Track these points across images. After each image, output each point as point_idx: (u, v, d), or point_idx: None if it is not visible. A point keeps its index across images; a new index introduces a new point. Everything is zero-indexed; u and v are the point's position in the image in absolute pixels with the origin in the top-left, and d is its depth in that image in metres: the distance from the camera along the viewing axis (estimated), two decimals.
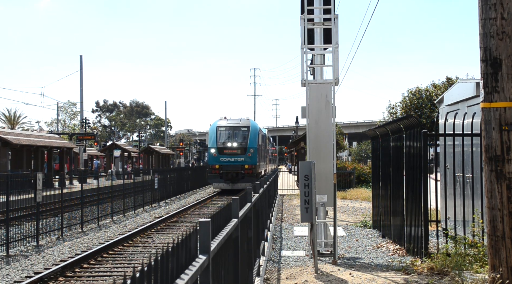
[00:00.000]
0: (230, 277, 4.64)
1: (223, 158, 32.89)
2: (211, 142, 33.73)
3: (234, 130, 33.79)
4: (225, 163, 32.85)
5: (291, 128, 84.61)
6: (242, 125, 34.16)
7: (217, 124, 34.23)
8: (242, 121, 34.82)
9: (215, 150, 33.17)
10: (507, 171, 7.08)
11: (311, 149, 11.23)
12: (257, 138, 33.97)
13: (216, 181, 33.25)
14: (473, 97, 11.06)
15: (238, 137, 33.56)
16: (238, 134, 33.68)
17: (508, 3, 7.09)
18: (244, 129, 33.84)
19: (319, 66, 12.07)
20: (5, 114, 75.79)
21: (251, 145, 33.32)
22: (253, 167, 32.97)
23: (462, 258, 8.96)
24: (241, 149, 33.19)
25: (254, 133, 33.88)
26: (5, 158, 33.62)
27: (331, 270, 9.68)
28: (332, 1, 11.42)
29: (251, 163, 32.95)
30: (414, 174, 10.39)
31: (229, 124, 34.17)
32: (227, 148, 33.20)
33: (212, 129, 34.39)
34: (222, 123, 34.32)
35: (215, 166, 32.99)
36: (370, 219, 16.20)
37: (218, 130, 33.78)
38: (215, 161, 33.02)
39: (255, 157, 33.30)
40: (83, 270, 11.53)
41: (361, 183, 32.42)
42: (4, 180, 14.25)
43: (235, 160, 32.89)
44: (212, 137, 33.90)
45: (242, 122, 34.58)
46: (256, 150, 33.58)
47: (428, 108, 41.26)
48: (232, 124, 34.20)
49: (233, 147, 33.24)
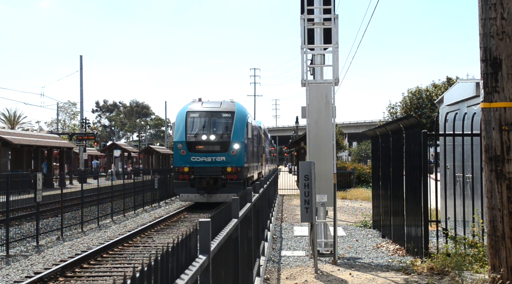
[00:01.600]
0: (230, 277, 4.64)
1: (195, 157, 23.08)
2: (178, 134, 23.62)
3: (212, 118, 23.73)
4: (198, 164, 23.01)
5: (291, 128, 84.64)
6: (223, 110, 24.04)
7: (188, 109, 24.08)
8: (225, 104, 24.45)
9: (183, 145, 23.20)
10: (507, 171, 7.08)
11: (311, 149, 11.23)
12: (245, 129, 23.92)
13: (185, 190, 23.12)
14: (473, 97, 11.06)
15: (217, 127, 23.72)
16: (217, 123, 23.82)
17: (508, 3, 7.09)
18: (226, 115, 23.85)
19: (319, 66, 12.08)
20: (5, 114, 75.86)
21: (236, 137, 23.32)
22: (239, 170, 23.03)
23: (462, 258, 8.96)
24: (222, 144, 23.25)
25: (241, 121, 23.81)
26: (5, 158, 33.64)
27: (331, 270, 9.68)
28: (332, 1, 11.42)
29: (236, 164, 23.07)
30: (414, 174, 10.39)
31: (205, 108, 24.02)
32: (201, 142, 23.23)
33: (180, 116, 24.09)
34: (194, 108, 24.18)
35: (183, 168, 23.03)
36: (370, 219, 16.20)
37: (189, 117, 23.74)
38: (184, 161, 23.13)
39: (241, 155, 23.33)
40: (83, 270, 11.53)
41: (361, 183, 32.43)
42: (4, 180, 14.26)
43: (212, 159, 23.04)
44: (179, 128, 23.71)
45: (224, 106, 24.28)
46: (244, 146, 23.64)
47: (428, 108, 41.28)
48: (209, 108, 24.05)
49: (209, 140, 23.24)
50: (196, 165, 23.11)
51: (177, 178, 23.41)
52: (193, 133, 23.56)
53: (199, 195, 23.05)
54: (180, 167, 23.28)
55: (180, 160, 23.37)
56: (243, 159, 23.47)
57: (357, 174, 32.61)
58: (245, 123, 24.18)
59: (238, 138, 23.45)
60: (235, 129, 23.57)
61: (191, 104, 24.59)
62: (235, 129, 23.57)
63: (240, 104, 25.02)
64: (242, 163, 23.35)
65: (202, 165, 23.08)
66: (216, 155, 23.22)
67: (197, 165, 23.11)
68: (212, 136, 23.46)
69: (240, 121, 23.90)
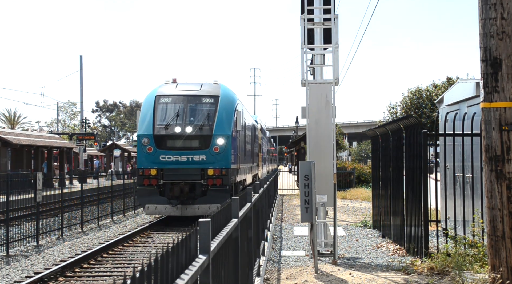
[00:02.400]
0: (230, 277, 4.64)
1: (165, 155, 17.67)
2: (143, 126, 18.11)
3: (190, 104, 18.37)
4: (169, 165, 17.61)
5: (291, 128, 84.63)
6: (204, 94, 18.51)
7: (157, 93, 18.60)
8: (206, 87, 18.84)
9: (149, 140, 17.75)
10: (507, 171, 7.08)
11: (311, 149, 11.22)
12: (233, 118, 18.46)
13: (152, 200, 17.59)
14: (473, 97, 11.06)
15: (196, 116, 18.29)
16: (196, 110, 18.45)
17: (508, 3, 7.09)
18: (208, 101, 18.36)
19: (319, 66, 12.07)
20: (5, 114, 75.89)
21: (220, 130, 17.86)
22: (224, 173, 17.62)
23: (462, 258, 8.96)
24: (202, 139, 17.78)
25: (227, 109, 18.39)
26: (5, 158, 33.64)
27: (331, 270, 9.68)
28: (332, 1, 11.42)
29: (220, 164, 17.67)
30: (414, 174, 10.39)
31: (181, 92, 18.62)
32: (173, 136, 17.81)
33: (147, 102, 18.66)
34: (166, 91, 18.69)
35: (150, 171, 17.57)
36: (370, 219, 16.21)
37: (159, 103, 18.34)
38: (150, 161, 17.69)
39: (227, 153, 17.85)
40: (83, 270, 11.53)
41: (361, 183, 32.43)
42: (4, 180, 14.26)
43: (189, 159, 17.62)
44: (145, 117, 18.27)
45: (206, 90, 18.71)
46: (232, 141, 18.25)
47: (428, 108, 41.29)
48: (185, 92, 18.60)
49: (185, 134, 17.76)
50: (166, 166, 17.53)
51: (141, 183, 17.60)
52: (163, 124, 17.87)
53: (171, 207, 17.40)
54: (145, 169, 17.60)
55: (145, 160, 17.73)
56: (230, 158, 17.82)
57: (357, 174, 32.61)
58: (233, 112, 18.53)
59: (223, 131, 17.77)
60: (220, 118, 17.90)
61: (162, 87, 18.84)
62: (220, 119, 17.89)
63: (226, 87, 19.25)
64: (228, 163, 17.71)
65: (174, 166, 17.55)
66: (193, 152, 17.63)
67: (168, 166, 17.54)
68: (188, 128, 17.74)
69: (226, 108, 18.27)
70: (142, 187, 17.72)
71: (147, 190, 17.63)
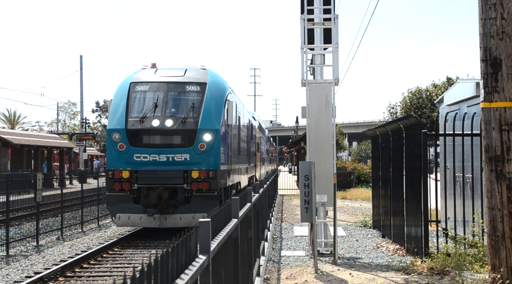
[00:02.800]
0: (230, 277, 4.64)
1: (140, 155, 14.79)
2: (114, 119, 15.24)
3: (171, 93, 15.51)
4: (145, 166, 14.77)
5: (291, 128, 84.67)
6: (189, 80, 15.69)
7: (133, 80, 15.76)
8: (191, 73, 16.01)
9: (121, 136, 14.93)
10: (507, 171, 7.08)
11: (311, 149, 11.23)
12: (223, 110, 15.57)
13: (124, 208, 14.81)
14: (473, 97, 11.06)
15: (178, 107, 15.46)
16: (178, 100, 15.60)
17: (508, 3, 7.10)
18: (193, 89, 15.55)
19: (319, 66, 12.08)
20: (5, 114, 75.91)
21: (208, 123, 15.01)
22: (212, 175, 14.80)
23: (462, 258, 8.96)
24: (185, 134, 14.94)
25: (216, 99, 15.55)
26: (5, 158, 33.66)
27: (331, 270, 9.68)
28: (332, 1, 11.42)
29: (207, 165, 14.83)
30: (414, 174, 10.39)
31: (160, 78, 15.79)
32: (150, 131, 14.95)
33: (121, 90, 15.72)
34: (143, 77, 15.87)
35: (122, 173, 14.78)
36: (370, 219, 16.21)
37: (134, 91, 15.51)
38: (122, 161, 14.86)
39: (216, 151, 15.02)
40: (83, 270, 11.54)
41: (361, 183, 32.44)
42: (4, 180, 14.27)
43: (169, 159, 14.78)
44: (117, 109, 15.38)
45: (191, 76, 15.89)
46: (222, 137, 15.37)
47: (428, 108, 41.32)
48: (166, 78, 15.79)
49: (164, 128, 14.93)
50: (142, 168, 14.61)
51: (111, 188, 14.70)
52: (138, 116, 14.92)
53: (147, 217, 14.44)
54: (116, 171, 14.70)
55: (116, 160, 14.80)
56: (219, 158, 14.90)
57: (357, 174, 32.62)
58: (223, 102, 15.52)
59: (210, 125, 14.85)
60: (207, 110, 14.98)
61: (139, 73, 16.00)
62: (207, 111, 14.97)
63: (215, 73, 16.39)
64: (216, 163, 14.83)
65: (151, 167, 14.58)
66: (175, 151, 14.68)
67: (144, 168, 14.60)
68: (168, 122, 14.77)
69: (215, 98, 15.34)
70: (112, 192, 14.80)
71: (118, 196, 14.80)
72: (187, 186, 14.62)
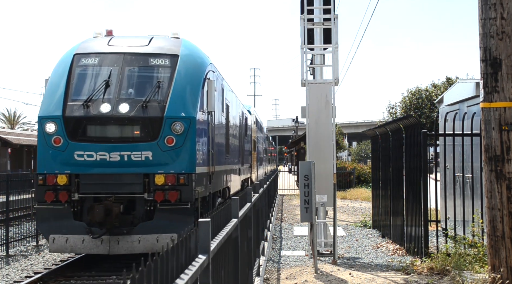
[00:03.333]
0: (230, 277, 4.64)
1: (83, 152, 10.75)
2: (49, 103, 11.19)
3: (128, 68, 11.33)
4: (89, 168, 10.73)
5: (291, 128, 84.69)
6: (154, 51, 11.50)
7: (77, 50, 11.71)
8: (158, 42, 11.90)
9: (57, 126, 10.97)
10: (507, 171, 7.08)
11: (311, 149, 11.23)
12: (200, 92, 11.38)
13: (60, 227, 10.63)
14: (473, 97, 11.07)
15: (137, 87, 11.27)
16: (138, 78, 11.44)
17: (508, 3, 7.10)
18: (159, 63, 11.35)
19: (319, 66, 12.08)
20: (5, 114, 75.93)
21: (178, 109, 10.87)
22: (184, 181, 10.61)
23: (462, 258, 8.97)
24: (145, 123, 10.77)
25: (192, 77, 11.40)
26: (5, 158, 33.67)
27: (331, 270, 9.69)
28: (332, 1, 11.42)
29: (176, 167, 10.69)
30: (414, 174, 10.40)
31: (114, 49, 11.63)
32: (96, 119, 10.78)
33: (61, 65, 11.65)
34: (91, 47, 11.78)
35: (57, 177, 10.76)
36: (370, 219, 16.21)
37: (78, 65, 11.44)
38: (58, 161, 10.94)
39: (191, 147, 10.82)
40: (83, 270, 11.52)
41: (361, 183, 32.45)
42: (4, 180, 14.26)
43: (123, 158, 10.66)
44: (54, 89, 11.25)
45: (157, 45, 11.74)
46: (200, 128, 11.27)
47: (428, 108, 41.34)
48: (122, 49, 11.63)
49: (117, 115, 10.72)
50: (85, 171, 10.74)
51: (41, 198, 10.76)
52: (80, 100, 10.96)
53: (91, 240, 10.51)
54: (49, 175, 10.92)
55: (50, 159, 11.11)
56: (194, 156, 10.86)
57: (357, 174, 32.63)
58: (201, 81, 11.43)
59: (183, 111, 10.82)
60: (178, 91, 10.98)
61: (88, 42, 12.01)
62: (178, 92, 10.98)
63: (192, 44, 12.21)
64: (191, 164, 10.80)
65: (99, 169, 10.68)
66: (132, 147, 10.68)
67: (89, 170, 10.72)
68: (123, 107, 10.76)
69: (191, 76, 11.34)
70: (44, 204, 10.69)
71: (52, 210, 10.65)
72: (148, 195, 10.48)
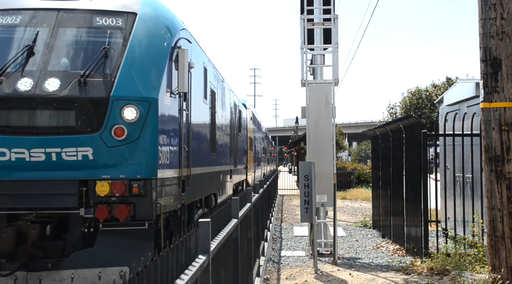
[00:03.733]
0: (230, 277, 4.64)
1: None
2: None
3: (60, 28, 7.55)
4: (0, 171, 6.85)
5: (291, 129, 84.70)
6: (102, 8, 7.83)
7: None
8: None
9: None
10: (507, 171, 7.08)
11: (311, 149, 11.23)
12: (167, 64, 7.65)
13: None
14: (473, 97, 11.07)
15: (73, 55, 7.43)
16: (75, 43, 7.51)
17: (508, 3, 7.10)
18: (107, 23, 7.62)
19: (319, 66, 12.08)
20: None
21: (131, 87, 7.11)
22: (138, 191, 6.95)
23: (462, 258, 8.97)
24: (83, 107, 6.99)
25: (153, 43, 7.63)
26: None
27: (331, 270, 9.68)
28: (332, 1, 11.42)
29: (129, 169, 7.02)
30: (414, 174, 10.39)
31: (45, 4, 7.79)
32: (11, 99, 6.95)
33: None
34: (12, 1, 7.85)
35: None
36: (370, 219, 16.21)
37: None
38: None
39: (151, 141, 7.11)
40: None
41: (361, 183, 32.44)
42: None
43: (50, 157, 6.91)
44: None
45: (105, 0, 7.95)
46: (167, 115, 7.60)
47: (428, 109, 41.37)
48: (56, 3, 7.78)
49: (41, 95, 6.96)
50: None
51: None
52: None
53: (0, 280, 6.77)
54: None
55: None
56: (156, 153, 7.30)
57: (357, 174, 32.62)
58: (168, 51, 7.91)
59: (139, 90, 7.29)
60: (132, 62, 7.43)
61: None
62: (132, 63, 7.42)
63: (157, 2, 8.63)
64: (151, 165, 7.26)
65: (13, 174, 7.11)
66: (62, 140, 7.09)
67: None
68: (51, 83, 7.17)
69: (152, 42, 7.79)
70: None
71: None
72: (87, 211, 7.14)
